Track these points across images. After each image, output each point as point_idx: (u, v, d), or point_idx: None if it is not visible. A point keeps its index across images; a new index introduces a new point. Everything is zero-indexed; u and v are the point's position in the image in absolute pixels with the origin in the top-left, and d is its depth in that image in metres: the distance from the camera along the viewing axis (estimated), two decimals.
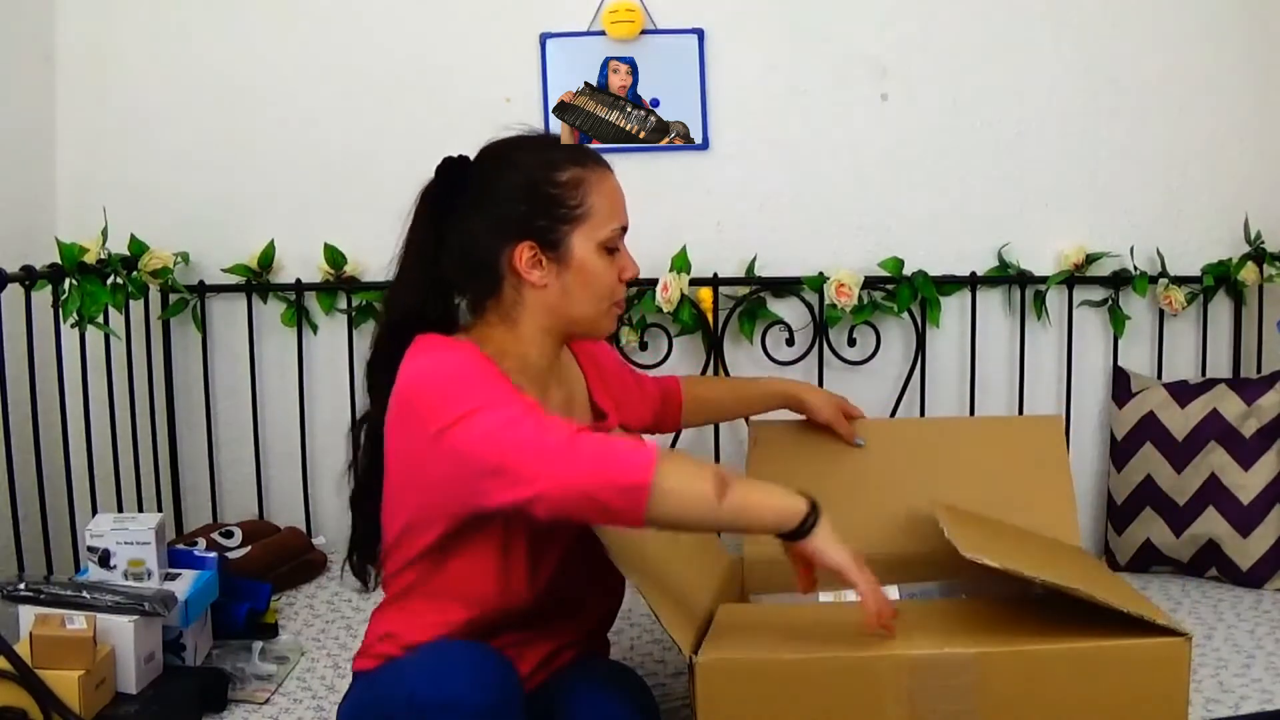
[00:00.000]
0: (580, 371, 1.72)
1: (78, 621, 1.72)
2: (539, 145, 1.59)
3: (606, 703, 1.53)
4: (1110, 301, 2.61)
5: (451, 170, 1.58)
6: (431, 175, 1.61)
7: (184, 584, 1.95)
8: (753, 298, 2.59)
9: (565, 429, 1.35)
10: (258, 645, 2.01)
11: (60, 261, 2.34)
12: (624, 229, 1.57)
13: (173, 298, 2.61)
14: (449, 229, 1.55)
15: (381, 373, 1.53)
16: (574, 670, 1.62)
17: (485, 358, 1.46)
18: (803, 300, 2.61)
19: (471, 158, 1.59)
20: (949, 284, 2.59)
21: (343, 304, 2.64)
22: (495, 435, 1.35)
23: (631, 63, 2.58)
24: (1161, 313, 2.60)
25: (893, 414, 2.63)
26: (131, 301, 2.53)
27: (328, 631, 2.19)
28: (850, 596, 1.53)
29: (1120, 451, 2.50)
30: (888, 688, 1.33)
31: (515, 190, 1.52)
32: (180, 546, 2.18)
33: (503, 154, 1.57)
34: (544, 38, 2.58)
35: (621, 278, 1.57)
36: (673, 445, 2.58)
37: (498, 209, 1.53)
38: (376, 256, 2.59)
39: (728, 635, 1.44)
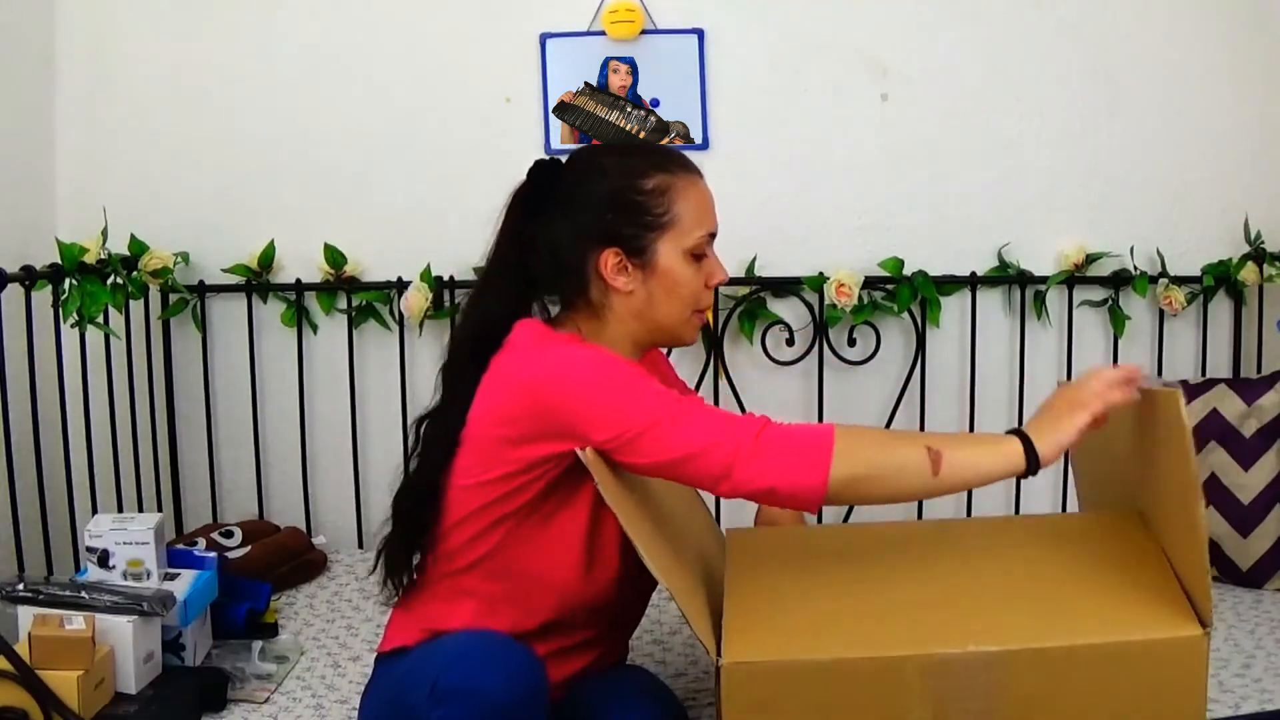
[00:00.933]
0: None
1: (77, 622, 1.72)
2: (627, 151, 1.63)
3: (639, 713, 1.54)
4: (1110, 301, 2.61)
5: (543, 173, 1.58)
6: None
7: (183, 584, 1.94)
8: (753, 298, 2.59)
9: (753, 424, 1.39)
10: (257, 645, 2.01)
11: (60, 261, 2.34)
12: (712, 235, 1.58)
13: (173, 298, 2.61)
14: (538, 231, 1.55)
15: (471, 366, 1.52)
16: (604, 679, 1.62)
17: (614, 354, 1.49)
18: (803, 300, 2.61)
19: (563, 161, 1.60)
20: (949, 284, 2.59)
21: (343, 304, 2.64)
22: (683, 435, 1.39)
23: (631, 63, 2.58)
24: (1161, 313, 2.60)
25: (892, 414, 2.63)
26: (131, 301, 2.53)
27: (328, 631, 2.19)
28: None
29: None
30: (912, 687, 1.33)
31: (602, 197, 1.53)
32: (180, 546, 2.18)
33: (591, 159, 1.59)
34: (544, 38, 2.58)
35: (708, 284, 1.58)
36: None
37: (585, 215, 1.53)
38: (376, 256, 2.62)
39: (747, 622, 1.43)
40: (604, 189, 1.53)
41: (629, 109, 2.59)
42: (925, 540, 1.65)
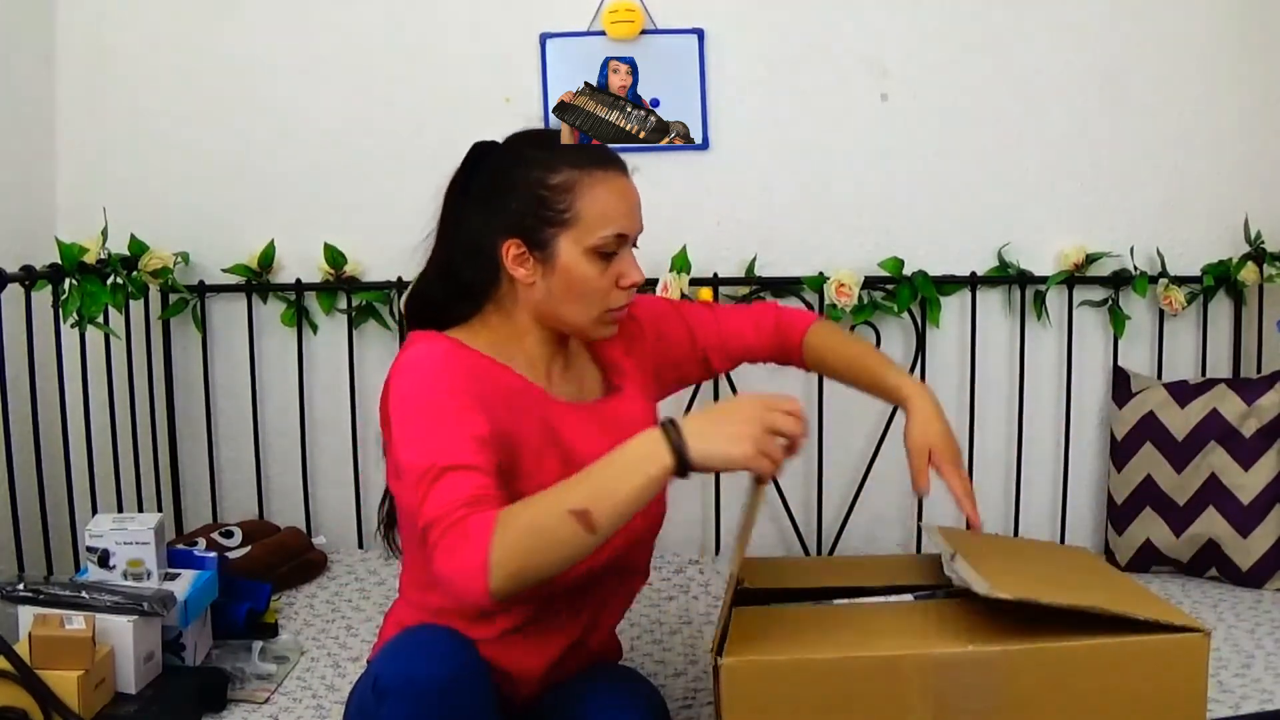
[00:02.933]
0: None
1: (77, 621, 1.72)
2: (548, 144, 1.58)
3: (619, 710, 1.54)
4: (1110, 301, 2.61)
5: (478, 156, 1.60)
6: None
7: (183, 584, 1.95)
8: (753, 298, 2.59)
9: (443, 521, 1.31)
10: (258, 645, 2.01)
11: (60, 261, 2.34)
12: (622, 235, 1.53)
13: (173, 298, 2.61)
14: (462, 214, 1.57)
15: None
16: (586, 676, 1.62)
17: (462, 360, 1.47)
18: (803, 300, 2.61)
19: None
20: (949, 284, 2.60)
21: (343, 304, 2.65)
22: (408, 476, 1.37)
23: (631, 63, 2.58)
24: (1161, 313, 2.60)
25: (892, 414, 2.62)
26: (131, 301, 2.53)
27: (328, 631, 2.19)
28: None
29: (1120, 451, 2.50)
30: (913, 687, 1.33)
31: (514, 186, 1.53)
32: (180, 546, 2.18)
33: (518, 148, 1.58)
34: (544, 38, 2.58)
35: (620, 284, 1.53)
36: None
37: (497, 202, 1.54)
38: (376, 256, 2.62)
39: (749, 636, 1.43)
40: (517, 179, 1.53)
41: (629, 109, 2.59)
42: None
